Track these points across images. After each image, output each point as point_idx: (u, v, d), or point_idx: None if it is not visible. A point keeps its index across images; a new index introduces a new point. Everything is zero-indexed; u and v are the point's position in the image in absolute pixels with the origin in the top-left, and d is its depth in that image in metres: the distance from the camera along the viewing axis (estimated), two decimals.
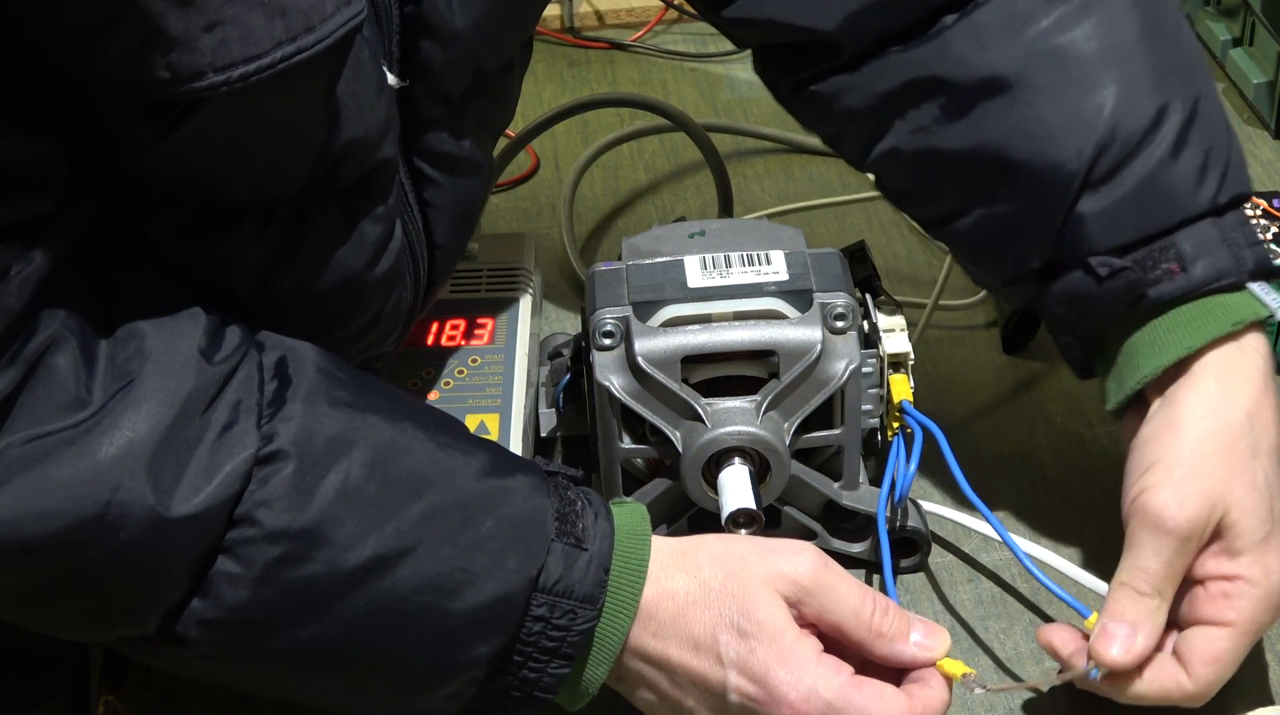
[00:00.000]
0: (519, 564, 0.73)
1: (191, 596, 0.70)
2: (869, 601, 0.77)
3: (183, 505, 0.68)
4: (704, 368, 0.87)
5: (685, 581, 0.76)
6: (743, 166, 1.25)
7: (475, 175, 0.87)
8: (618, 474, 0.89)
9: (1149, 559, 0.79)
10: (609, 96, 1.27)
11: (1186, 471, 0.79)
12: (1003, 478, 0.98)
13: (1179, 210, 0.82)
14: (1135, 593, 0.79)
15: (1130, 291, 0.82)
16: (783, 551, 0.78)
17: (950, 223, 0.88)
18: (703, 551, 0.78)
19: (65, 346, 0.67)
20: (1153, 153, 0.82)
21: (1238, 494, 0.79)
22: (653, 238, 0.93)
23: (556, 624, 0.74)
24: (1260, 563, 0.79)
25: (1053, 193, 0.83)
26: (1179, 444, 0.80)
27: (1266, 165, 1.23)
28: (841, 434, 0.88)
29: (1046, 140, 0.83)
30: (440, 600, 0.73)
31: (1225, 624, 0.79)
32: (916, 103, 0.87)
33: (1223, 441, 0.80)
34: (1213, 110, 0.84)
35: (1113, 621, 0.79)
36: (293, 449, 0.70)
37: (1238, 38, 1.32)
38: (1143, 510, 0.79)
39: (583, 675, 0.76)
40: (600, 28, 1.43)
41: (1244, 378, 0.81)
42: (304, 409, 0.71)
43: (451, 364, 0.95)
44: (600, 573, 0.75)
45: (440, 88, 0.81)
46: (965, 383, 1.05)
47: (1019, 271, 0.86)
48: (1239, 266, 0.82)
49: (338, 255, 0.78)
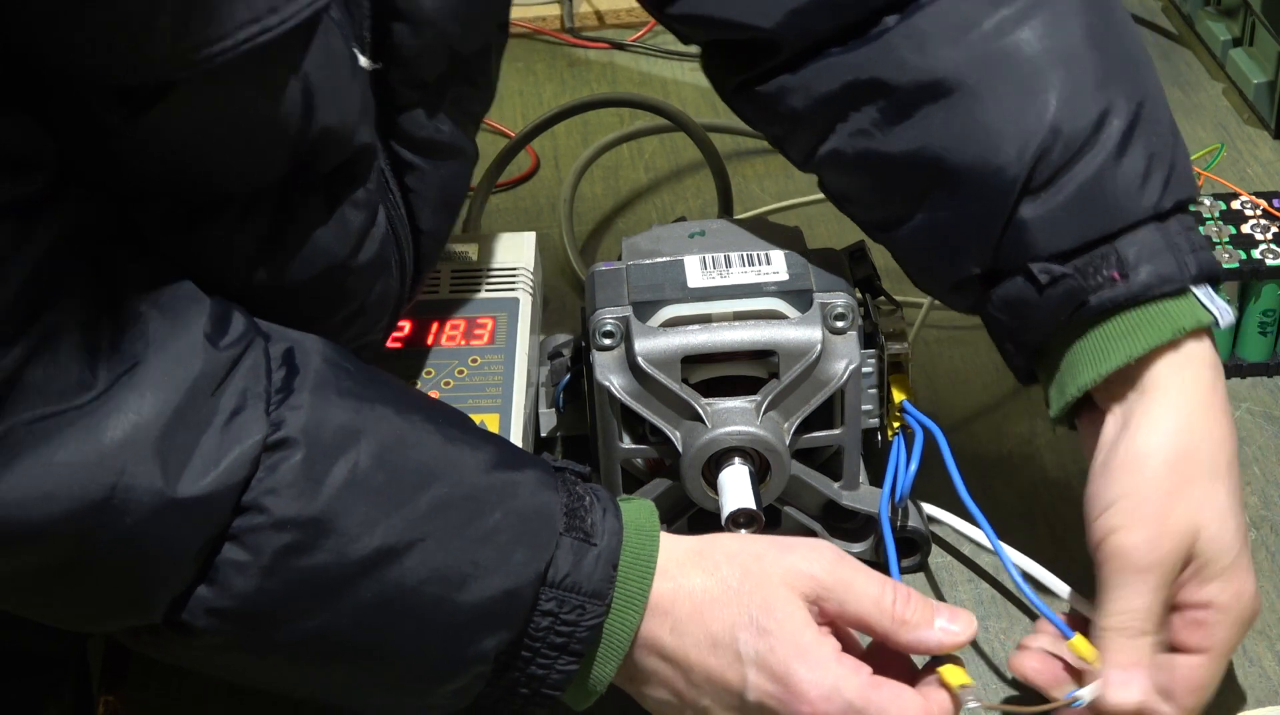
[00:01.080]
0: (527, 557, 0.73)
1: (199, 584, 0.70)
2: (889, 591, 0.77)
3: (190, 488, 0.68)
4: (704, 368, 0.87)
5: (703, 579, 0.76)
6: (743, 166, 1.25)
7: (457, 159, 0.87)
8: (618, 474, 0.89)
9: (1132, 600, 0.78)
10: (609, 96, 1.27)
11: (1154, 510, 0.78)
12: (1003, 478, 0.98)
13: (1121, 216, 0.81)
14: (1128, 636, 0.79)
15: (1071, 299, 0.81)
16: (798, 549, 0.78)
17: (892, 228, 0.88)
18: (719, 549, 0.77)
19: (69, 328, 0.67)
20: (1095, 157, 0.81)
21: (1204, 521, 0.79)
22: (653, 238, 0.93)
23: (565, 619, 0.74)
24: (1231, 588, 0.79)
25: (993, 198, 0.82)
26: (1141, 479, 0.79)
27: (1266, 165, 1.23)
28: (841, 434, 0.88)
29: (987, 145, 0.82)
30: (448, 592, 0.72)
31: (1203, 650, 0.79)
32: (857, 105, 0.86)
33: (1184, 472, 0.79)
34: (1158, 113, 0.83)
35: (1116, 670, 0.79)
36: (301, 437, 0.70)
37: (1238, 38, 1.32)
38: (1117, 554, 0.79)
39: (590, 672, 0.76)
40: (600, 28, 1.44)
41: (1194, 394, 0.81)
42: (312, 398, 0.71)
43: (451, 364, 0.95)
44: (609, 568, 0.74)
45: (415, 72, 0.81)
46: (965, 383, 1.05)
47: (960, 277, 0.85)
48: (1182, 272, 0.81)
49: (321, 243, 0.77)
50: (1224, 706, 0.84)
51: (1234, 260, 1.01)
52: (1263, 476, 0.98)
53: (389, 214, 0.83)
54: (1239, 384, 1.05)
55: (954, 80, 0.82)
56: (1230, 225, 1.03)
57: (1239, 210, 1.04)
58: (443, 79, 0.83)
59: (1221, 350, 1.04)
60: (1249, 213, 1.04)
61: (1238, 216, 1.04)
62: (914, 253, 0.88)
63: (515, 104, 1.35)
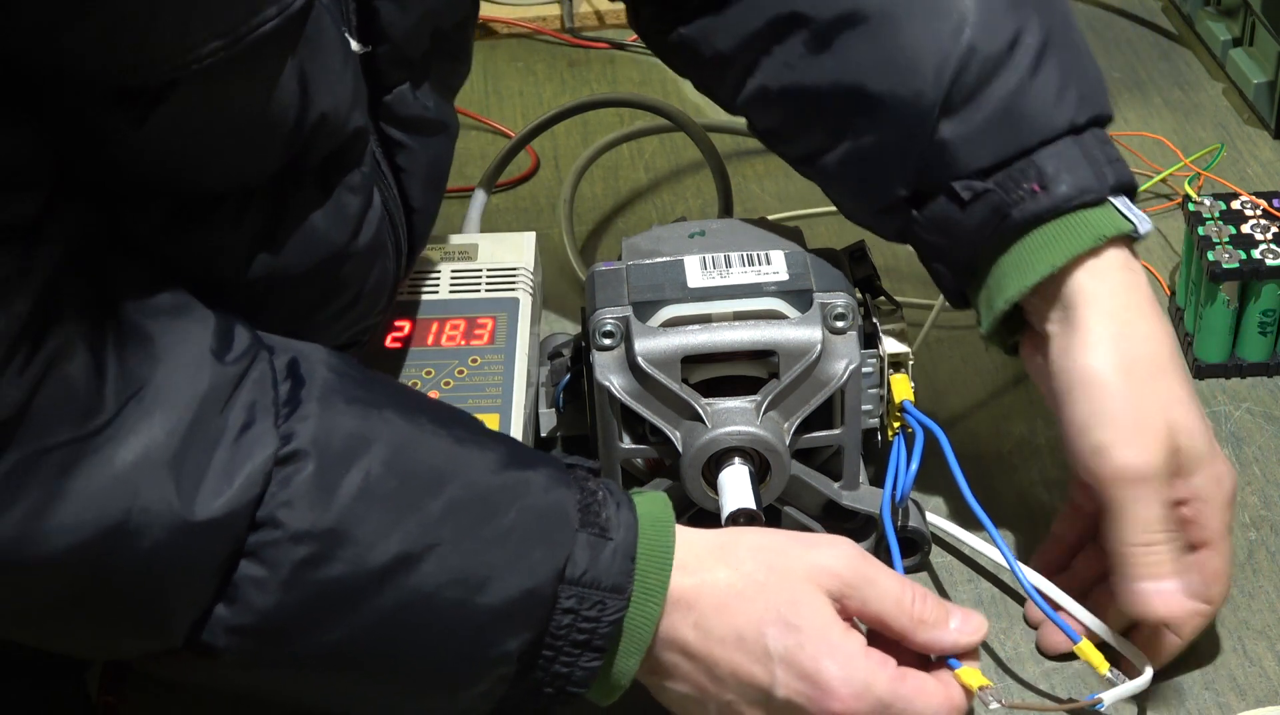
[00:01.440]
0: (544, 555, 0.73)
1: (217, 603, 0.70)
2: (908, 590, 0.77)
3: (205, 509, 0.67)
4: (704, 368, 0.87)
5: (727, 574, 0.76)
6: (743, 166, 1.25)
7: (442, 134, 0.87)
8: (618, 474, 0.89)
9: (1143, 511, 0.80)
10: (609, 97, 1.27)
11: (1131, 419, 0.80)
12: (1003, 478, 0.98)
13: (1038, 130, 0.83)
14: (1149, 547, 0.80)
15: (994, 213, 0.83)
16: (821, 545, 0.78)
17: (819, 158, 0.89)
18: (742, 544, 0.77)
19: (74, 352, 0.66)
20: (1010, 74, 0.83)
21: (1175, 417, 0.81)
22: (653, 238, 0.93)
23: (586, 615, 0.73)
24: (1212, 473, 0.82)
25: (914, 120, 0.84)
26: (1106, 394, 0.81)
27: (1266, 165, 1.23)
28: (841, 434, 0.88)
29: (905, 69, 0.84)
30: (467, 595, 0.72)
31: (1205, 544, 0.82)
32: (781, 39, 0.88)
33: (1139, 375, 0.81)
34: (1070, 34, 0.85)
35: (1151, 583, 0.81)
36: (312, 448, 0.70)
37: (1238, 38, 1.32)
38: (1113, 472, 0.80)
39: (614, 667, 0.75)
40: (600, 28, 1.43)
41: (1123, 298, 0.83)
42: (320, 408, 0.71)
43: (451, 364, 0.95)
44: (626, 561, 0.74)
45: (402, 51, 0.81)
46: (965, 383, 1.05)
47: (887, 201, 0.87)
48: (1100, 182, 0.83)
49: (320, 231, 0.77)
50: (1225, 706, 0.84)
51: (1234, 260, 1.01)
52: (1263, 476, 0.98)
53: (383, 196, 0.83)
54: (1239, 384, 1.05)
55: (871, 8, 0.85)
56: (1230, 225, 1.03)
57: (1239, 210, 1.04)
58: (426, 55, 0.83)
59: (1222, 350, 1.04)
60: (1249, 213, 1.04)
61: (1238, 216, 1.04)
62: (842, 181, 0.90)
63: (515, 104, 1.35)
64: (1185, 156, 1.20)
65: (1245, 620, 0.89)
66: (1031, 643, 0.88)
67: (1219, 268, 1.00)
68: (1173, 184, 1.19)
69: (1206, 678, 0.86)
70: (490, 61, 1.40)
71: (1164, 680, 0.85)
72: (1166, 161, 1.21)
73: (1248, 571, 0.91)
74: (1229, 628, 0.88)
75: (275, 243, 0.75)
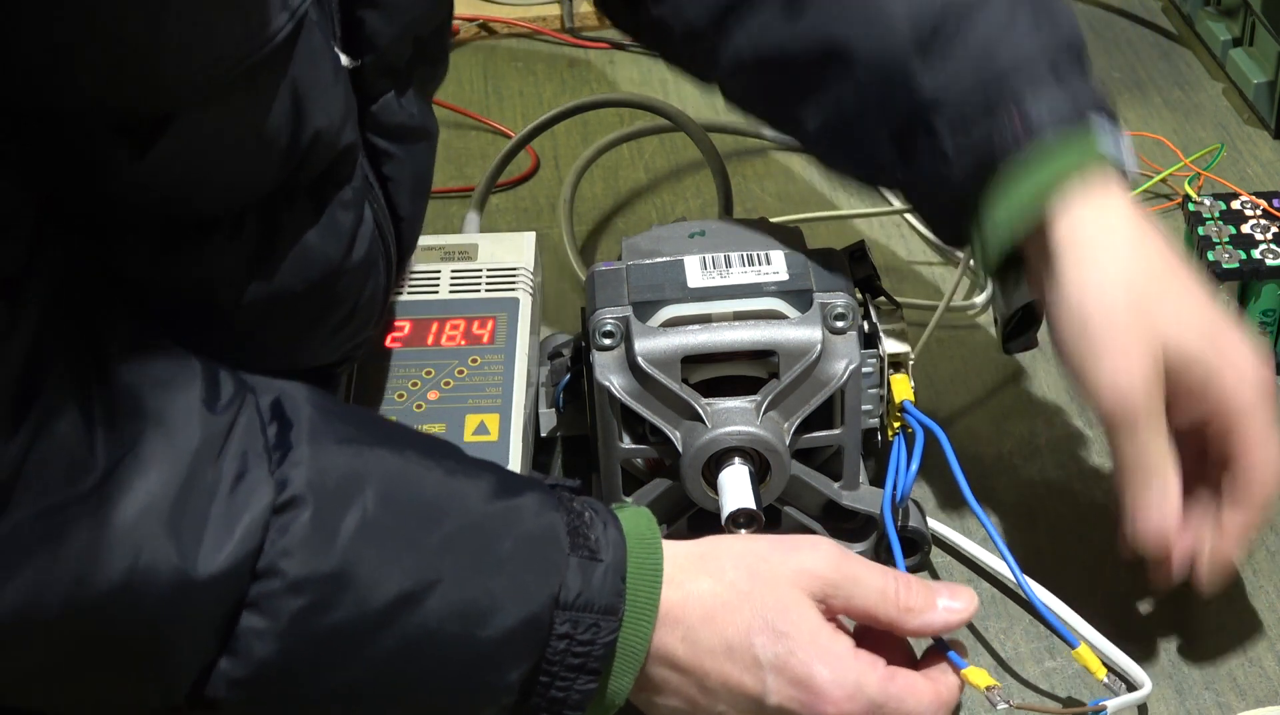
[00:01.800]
0: (539, 582, 0.72)
1: (219, 657, 0.69)
2: (891, 581, 0.77)
3: (208, 564, 0.66)
4: (704, 368, 0.87)
5: (710, 584, 0.76)
6: (743, 166, 1.25)
7: (425, 140, 0.87)
8: (618, 474, 0.89)
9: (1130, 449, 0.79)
10: (609, 97, 1.27)
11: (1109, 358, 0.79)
12: (1003, 478, 0.98)
13: (1015, 67, 0.83)
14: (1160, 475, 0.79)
15: (977, 150, 0.83)
16: (802, 548, 0.78)
17: (801, 125, 0.89)
18: (723, 553, 0.77)
19: (65, 409, 0.65)
20: (985, 16, 0.83)
21: (1168, 335, 0.79)
22: (653, 238, 0.93)
23: (581, 639, 0.73)
24: (1226, 382, 0.79)
25: (893, 74, 0.84)
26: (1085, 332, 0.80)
27: (1266, 165, 1.23)
28: (841, 434, 0.88)
29: (880, 24, 0.84)
30: (468, 628, 0.71)
31: (1240, 452, 0.79)
32: (753, 4, 0.88)
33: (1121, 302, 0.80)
34: None
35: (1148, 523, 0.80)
36: (308, 493, 0.69)
37: (1238, 38, 1.32)
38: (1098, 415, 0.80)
39: (609, 687, 0.75)
40: (600, 28, 1.43)
41: (1107, 220, 0.82)
42: (311, 451, 0.70)
43: (451, 364, 0.95)
44: (618, 581, 0.74)
45: (387, 60, 0.81)
46: (965, 383, 1.05)
47: (876, 157, 0.87)
48: (1080, 112, 0.83)
49: (315, 249, 0.76)
50: (1225, 706, 0.84)
51: (1234, 260, 1.01)
52: None
53: (373, 209, 0.83)
54: None
55: None
56: (1230, 225, 1.03)
57: (1239, 210, 1.04)
58: (409, 63, 0.83)
59: None
60: (1249, 213, 1.04)
61: (1238, 216, 1.04)
62: (828, 145, 0.90)
63: (515, 104, 1.35)
64: (1185, 156, 1.20)
65: (1245, 620, 0.89)
66: (1031, 643, 0.88)
67: (1219, 268, 1.00)
68: (1173, 184, 1.19)
69: (1206, 678, 0.86)
70: (490, 61, 1.40)
71: (1164, 680, 0.85)
72: (1166, 161, 1.21)
73: (1248, 572, 0.91)
74: (1229, 628, 0.88)
75: (271, 264, 0.75)
